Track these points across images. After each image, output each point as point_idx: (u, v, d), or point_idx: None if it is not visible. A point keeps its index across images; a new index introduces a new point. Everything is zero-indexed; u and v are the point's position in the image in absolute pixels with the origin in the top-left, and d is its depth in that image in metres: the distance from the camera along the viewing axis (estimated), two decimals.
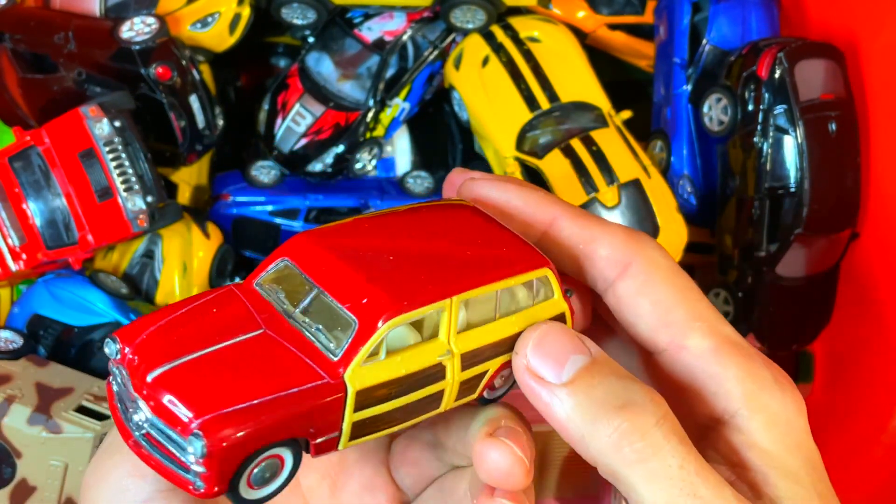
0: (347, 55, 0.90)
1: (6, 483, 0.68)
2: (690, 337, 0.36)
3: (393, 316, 0.31)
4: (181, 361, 0.31)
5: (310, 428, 0.30)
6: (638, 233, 0.38)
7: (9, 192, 0.75)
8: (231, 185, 0.90)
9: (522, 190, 0.38)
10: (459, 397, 0.35)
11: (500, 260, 0.35)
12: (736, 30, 0.85)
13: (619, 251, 0.37)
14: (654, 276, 0.37)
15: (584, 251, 0.37)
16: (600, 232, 0.38)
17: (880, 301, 0.79)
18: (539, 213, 0.38)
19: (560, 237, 0.38)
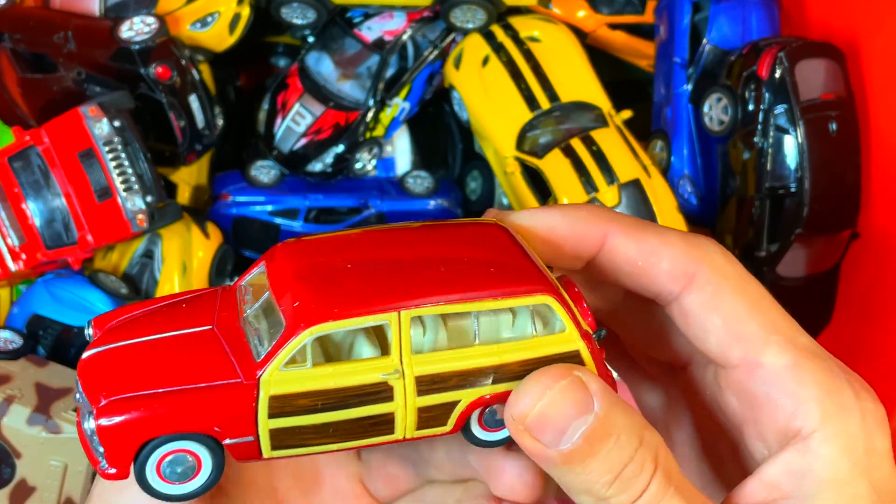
0: (347, 55, 0.90)
1: (6, 483, 0.68)
2: (766, 353, 0.34)
3: (315, 322, 0.29)
4: (113, 346, 0.31)
5: (214, 426, 0.30)
6: (699, 238, 0.36)
7: (8, 192, 0.75)
8: (231, 185, 0.90)
9: (567, 212, 0.36)
10: (422, 426, 0.32)
11: (489, 280, 0.32)
12: (736, 29, 0.85)
13: (682, 263, 0.35)
14: (722, 286, 0.35)
15: (644, 267, 0.35)
16: (659, 244, 0.35)
17: (880, 301, 0.79)
18: (588, 234, 0.35)
19: (615, 255, 0.35)
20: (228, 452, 0.31)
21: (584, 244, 0.35)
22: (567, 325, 0.32)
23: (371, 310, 0.30)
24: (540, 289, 0.32)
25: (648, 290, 0.36)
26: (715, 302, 0.34)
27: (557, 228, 0.35)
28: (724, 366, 0.35)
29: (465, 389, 0.31)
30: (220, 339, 0.31)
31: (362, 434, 0.31)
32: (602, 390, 0.31)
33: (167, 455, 0.30)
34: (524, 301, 0.31)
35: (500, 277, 0.32)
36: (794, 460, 0.33)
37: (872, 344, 0.80)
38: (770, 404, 0.34)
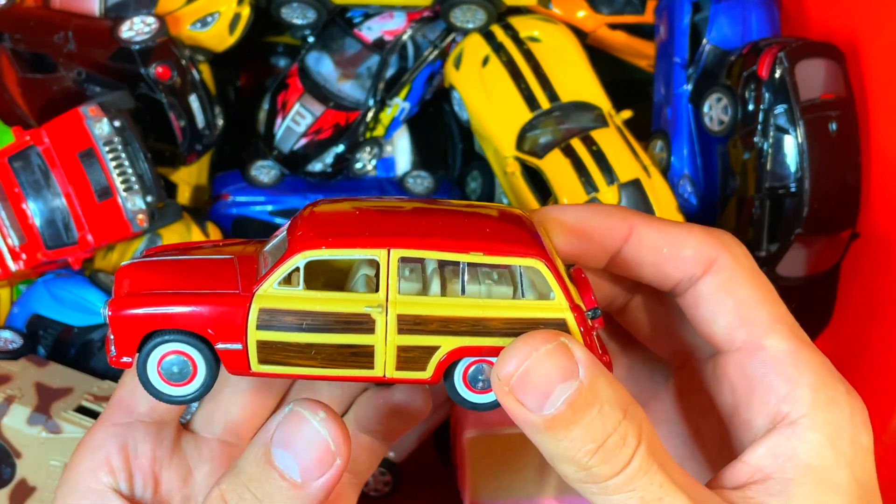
0: (347, 55, 0.90)
1: (6, 483, 0.68)
2: (770, 337, 0.36)
3: (310, 248, 0.32)
4: (145, 260, 0.36)
5: (208, 328, 0.33)
6: (719, 231, 0.38)
7: (8, 192, 0.75)
8: (231, 185, 0.90)
9: (596, 206, 0.39)
10: (402, 367, 0.33)
11: (483, 239, 0.33)
12: (736, 29, 0.85)
13: (704, 249, 0.37)
14: (738, 273, 0.37)
15: (668, 253, 0.37)
16: (682, 233, 0.38)
17: (881, 301, 0.79)
18: (617, 226, 0.38)
19: (641, 245, 0.38)
20: (221, 359, 0.33)
21: (612, 236, 0.37)
22: (556, 293, 0.33)
23: (362, 243, 0.32)
24: (531, 252, 0.33)
25: (669, 277, 0.37)
26: (730, 286, 0.36)
27: (588, 219, 0.38)
28: (726, 349, 0.36)
29: (445, 336, 0.33)
30: (236, 265, 0.35)
31: (343, 363, 0.33)
32: (587, 359, 0.32)
33: (167, 355, 0.34)
34: (513, 261, 0.33)
35: (494, 238, 0.33)
36: (780, 443, 0.34)
37: (872, 344, 0.80)
38: (764, 386, 0.35)
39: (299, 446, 0.32)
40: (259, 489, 0.32)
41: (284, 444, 0.32)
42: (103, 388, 0.72)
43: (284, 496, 0.32)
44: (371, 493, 0.84)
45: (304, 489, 0.32)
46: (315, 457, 0.32)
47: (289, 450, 0.32)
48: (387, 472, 0.83)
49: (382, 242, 0.32)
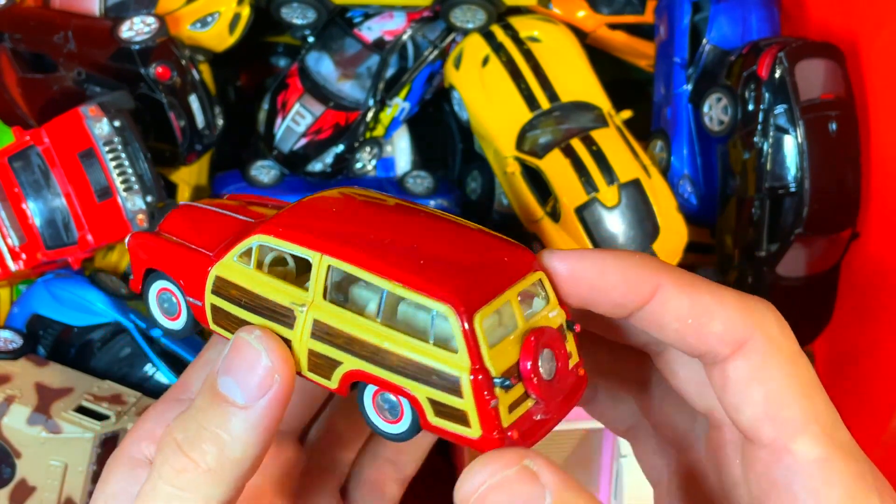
0: (347, 55, 0.90)
1: (6, 483, 0.68)
2: (799, 440, 0.32)
3: (262, 232, 0.34)
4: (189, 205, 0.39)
5: (181, 279, 0.36)
6: (756, 303, 0.34)
7: (8, 192, 0.75)
8: (231, 185, 0.90)
9: (620, 256, 0.33)
10: (313, 370, 0.33)
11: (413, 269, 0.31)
12: (736, 29, 0.85)
13: (736, 327, 0.33)
14: (771, 360, 0.32)
15: (694, 325, 0.33)
16: (713, 303, 0.33)
17: (881, 301, 0.79)
18: (641, 284, 0.33)
19: (665, 309, 0.33)
20: (190, 308, 0.36)
21: (634, 293, 0.33)
22: (461, 348, 0.30)
23: (302, 241, 0.33)
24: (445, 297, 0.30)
25: (694, 350, 0.34)
26: (761, 374, 0.32)
27: (608, 274, 0.33)
28: (751, 441, 0.33)
29: (347, 354, 0.32)
30: (237, 227, 0.36)
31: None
32: (556, 483, 0.29)
33: (161, 290, 0.37)
34: (419, 298, 0.30)
35: (424, 271, 0.31)
36: None
37: (872, 344, 0.80)
38: (789, 495, 0.32)
39: (241, 369, 0.32)
40: (206, 418, 0.32)
41: (228, 371, 0.32)
42: (103, 388, 0.72)
43: (230, 420, 0.31)
44: None
45: (248, 411, 0.31)
46: (256, 377, 0.32)
47: (232, 375, 0.32)
48: None
49: (318, 246, 0.33)
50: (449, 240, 0.34)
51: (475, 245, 0.34)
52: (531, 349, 0.31)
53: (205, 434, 0.32)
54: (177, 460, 0.32)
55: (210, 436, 0.32)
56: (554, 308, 0.33)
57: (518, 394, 0.31)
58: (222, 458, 0.31)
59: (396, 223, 0.34)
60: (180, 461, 0.32)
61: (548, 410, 0.32)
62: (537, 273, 0.33)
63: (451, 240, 0.34)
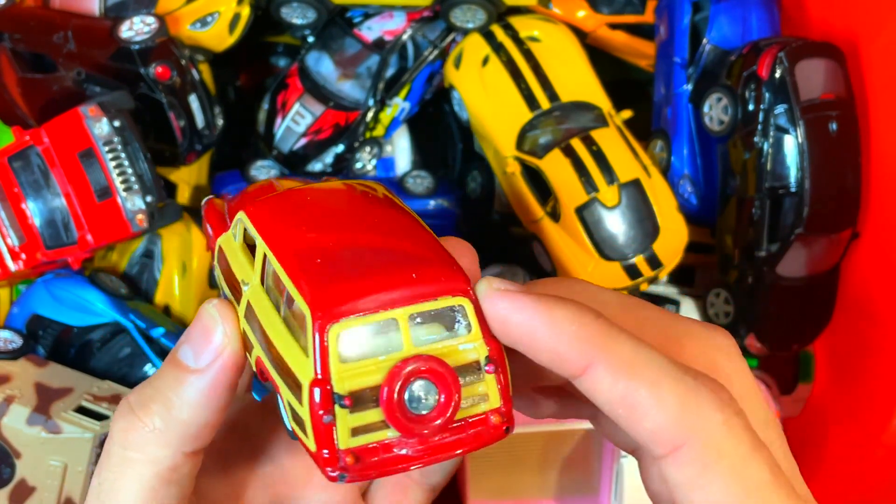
0: (347, 55, 0.90)
1: (5, 483, 0.68)
2: None
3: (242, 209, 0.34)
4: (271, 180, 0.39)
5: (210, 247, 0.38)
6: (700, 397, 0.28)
7: (8, 192, 0.75)
8: (231, 185, 0.90)
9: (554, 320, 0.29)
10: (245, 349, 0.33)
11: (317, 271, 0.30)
12: (736, 29, 0.85)
13: (669, 430, 0.28)
14: (711, 468, 0.28)
15: (624, 416, 0.29)
16: (648, 399, 0.28)
17: (881, 301, 0.79)
18: (571, 358, 0.29)
19: (596, 390, 0.29)
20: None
21: (563, 365, 0.29)
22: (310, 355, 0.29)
23: (257, 227, 0.33)
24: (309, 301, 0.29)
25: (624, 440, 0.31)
26: (700, 482, 0.28)
27: (538, 335, 0.29)
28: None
29: (257, 342, 0.32)
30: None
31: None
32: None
33: None
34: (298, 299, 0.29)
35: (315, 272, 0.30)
36: None
37: (872, 344, 0.80)
38: None
39: (197, 336, 0.32)
40: (159, 381, 0.32)
41: (186, 339, 0.32)
42: (103, 388, 0.72)
43: (181, 384, 0.32)
44: None
45: (197, 374, 0.31)
46: (209, 343, 0.32)
47: (189, 342, 0.32)
48: None
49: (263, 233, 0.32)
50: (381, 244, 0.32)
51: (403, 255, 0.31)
52: (396, 376, 0.29)
53: (156, 395, 0.32)
54: (126, 420, 0.32)
55: (160, 397, 0.32)
56: (474, 341, 0.30)
57: (374, 419, 0.29)
58: (169, 419, 0.31)
59: (349, 221, 0.33)
60: (129, 420, 0.32)
61: (419, 446, 0.29)
62: (459, 299, 0.30)
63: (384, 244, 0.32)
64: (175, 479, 0.32)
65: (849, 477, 0.80)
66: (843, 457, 0.80)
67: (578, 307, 0.29)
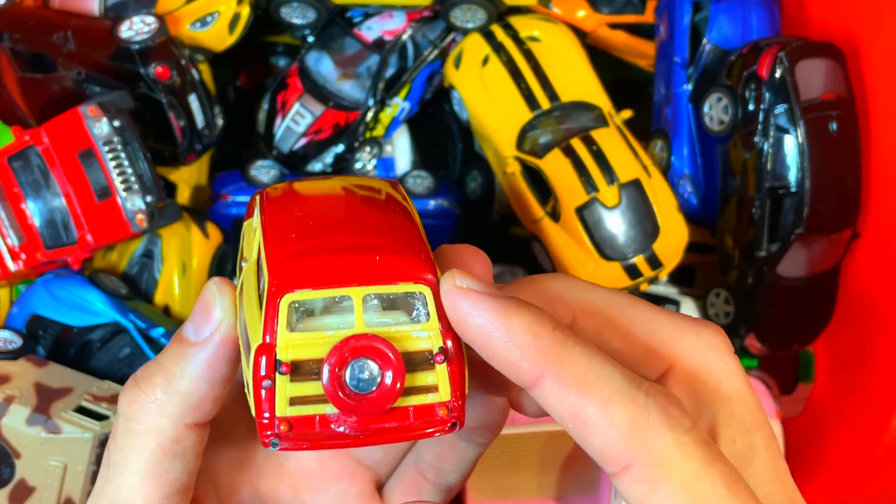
0: (347, 54, 0.90)
1: (5, 483, 0.68)
2: None
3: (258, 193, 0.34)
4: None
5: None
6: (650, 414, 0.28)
7: (8, 191, 0.75)
8: (230, 185, 0.90)
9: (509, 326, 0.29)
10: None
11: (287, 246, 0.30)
12: (736, 29, 0.85)
13: (616, 449, 0.28)
14: (661, 487, 0.27)
15: (574, 431, 0.28)
16: (597, 416, 0.28)
17: (881, 301, 0.79)
18: (524, 367, 0.29)
19: (546, 403, 0.29)
20: None
21: (515, 375, 0.29)
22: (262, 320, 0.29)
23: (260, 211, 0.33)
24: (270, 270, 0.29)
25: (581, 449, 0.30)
26: (651, 500, 0.28)
27: (492, 341, 0.29)
28: None
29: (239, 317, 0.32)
30: None
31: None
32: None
33: None
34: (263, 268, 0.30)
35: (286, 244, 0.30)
36: None
37: (872, 344, 0.80)
38: None
39: (199, 313, 0.33)
40: (163, 356, 0.33)
41: (192, 316, 0.33)
42: (103, 388, 0.72)
43: (182, 357, 0.32)
44: None
45: (197, 347, 0.32)
46: (208, 318, 0.32)
47: (192, 320, 0.33)
48: None
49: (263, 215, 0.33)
50: (361, 231, 0.32)
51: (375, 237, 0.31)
52: (338, 350, 0.29)
53: (158, 369, 0.33)
54: (131, 394, 0.33)
55: (162, 370, 0.33)
56: (430, 330, 0.30)
57: (313, 392, 0.29)
58: (169, 390, 0.32)
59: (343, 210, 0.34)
60: (134, 393, 0.33)
61: (358, 427, 0.29)
62: (419, 286, 0.30)
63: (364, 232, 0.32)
64: (178, 451, 0.33)
65: (849, 477, 0.79)
66: (843, 457, 0.80)
67: (538, 316, 0.29)
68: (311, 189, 0.36)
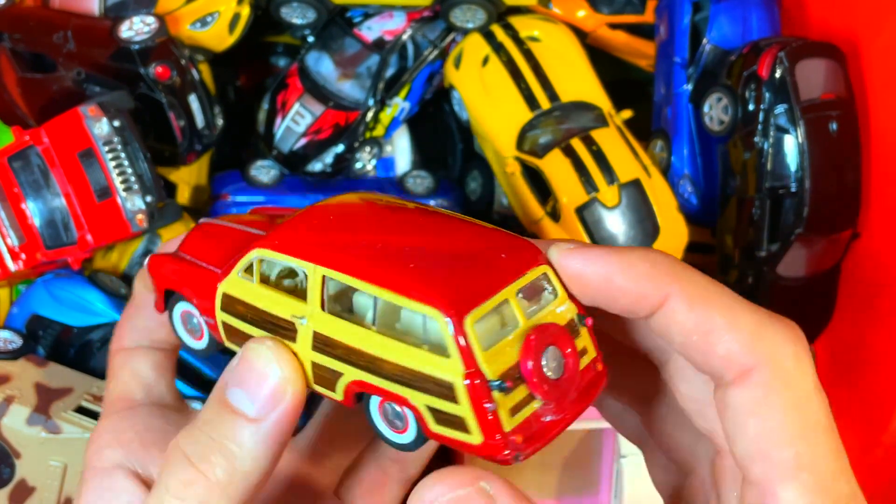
0: (347, 55, 0.90)
1: (5, 483, 0.68)
2: (788, 487, 0.29)
3: (262, 246, 0.34)
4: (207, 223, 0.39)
5: (193, 298, 0.36)
6: (776, 328, 0.31)
7: (8, 192, 0.75)
8: (230, 185, 0.90)
9: (629, 263, 0.31)
10: (318, 382, 0.32)
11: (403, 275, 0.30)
12: (736, 29, 0.85)
13: (742, 353, 0.30)
14: (775, 395, 0.29)
15: (699, 343, 0.30)
16: (723, 324, 0.30)
17: (881, 301, 0.79)
18: (649, 294, 0.31)
19: (671, 321, 0.31)
20: (207, 326, 0.36)
21: (641, 304, 0.31)
22: (452, 353, 0.29)
23: (297, 254, 0.33)
24: (433, 301, 0.29)
25: (698, 367, 0.32)
26: (761, 409, 0.30)
27: (615, 280, 0.31)
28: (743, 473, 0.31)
29: (347, 365, 0.31)
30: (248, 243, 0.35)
31: None
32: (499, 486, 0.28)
33: (185, 311, 0.37)
34: (407, 303, 0.30)
35: (414, 275, 0.30)
36: None
37: (872, 344, 0.80)
38: None
39: (251, 381, 0.31)
40: (215, 430, 0.31)
41: (238, 383, 0.32)
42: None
43: (240, 433, 0.31)
44: None
45: (259, 423, 0.31)
46: (268, 388, 0.31)
47: (242, 387, 0.31)
48: None
49: (312, 257, 0.32)
50: (448, 240, 0.33)
51: (475, 244, 0.32)
52: (531, 348, 0.30)
53: (214, 446, 0.31)
54: (185, 473, 0.31)
55: (220, 448, 0.31)
56: (563, 303, 0.32)
57: (521, 396, 0.30)
58: (232, 471, 0.31)
59: (396, 226, 0.34)
60: (189, 473, 0.31)
61: (558, 410, 0.31)
62: (542, 267, 0.32)
63: (451, 240, 0.33)
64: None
65: None
66: None
67: (646, 249, 0.32)
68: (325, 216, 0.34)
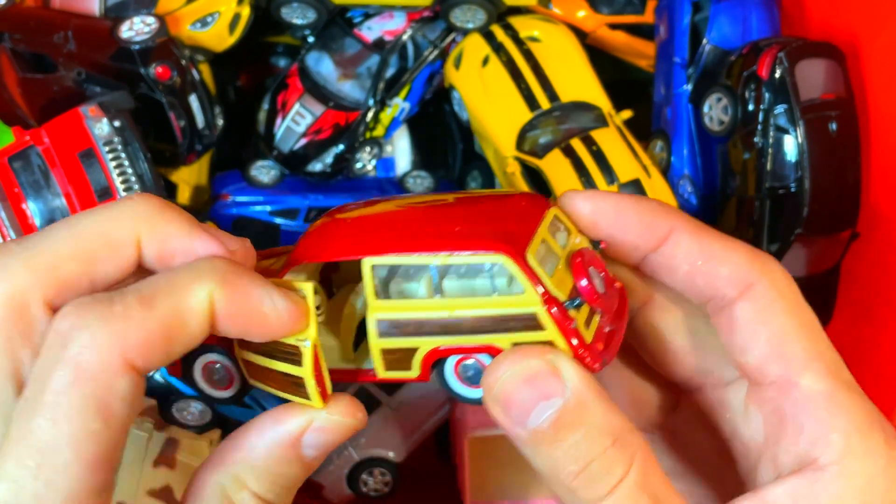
0: (347, 55, 0.90)
1: None
2: (805, 375, 0.33)
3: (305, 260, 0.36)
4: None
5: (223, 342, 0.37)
6: (764, 255, 0.36)
7: (8, 192, 0.75)
8: (231, 185, 0.90)
9: (636, 203, 0.36)
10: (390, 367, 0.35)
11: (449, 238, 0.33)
12: (736, 29, 0.85)
13: (743, 271, 0.35)
14: (777, 302, 0.34)
15: (703, 268, 0.35)
16: (722, 249, 0.35)
17: (881, 301, 0.79)
18: (656, 225, 0.35)
19: (676, 252, 0.35)
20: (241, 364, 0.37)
21: (649, 235, 0.35)
22: (524, 285, 0.32)
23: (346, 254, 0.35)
24: (493, 247, 0.32)
25: (701, 293, 0.35)
26: (766, 316, 0.34)
27: (626, 214, 0.36)
28: (758, 382, 0.34)
29: (421, 338, 0.33)
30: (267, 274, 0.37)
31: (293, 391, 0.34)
32: (577, 378, 0.31)
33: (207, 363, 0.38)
34: (471, 258, 0.32)
35: (465, 235, 0.33)
36: (802, 487, 0.32)
37: (872, 344, 0.80)
38: (795, 426, 0.33)
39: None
40: None
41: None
42: None
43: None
44: (371, 494, 0.84)
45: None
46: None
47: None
48: (387, 473, 0.83)
49: (354, 251, 0.34)
50: (470, 208, 0.36)
51: (495, 205, 0.36)
52: (582, 268, 0.33)
53: None
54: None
55: None
56: (577, 235, 0.36)
57: (586, 312, 0.33)
58: None
59: (418, 210, 0.36)
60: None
61: (612, 321, 0.34)
62: (553, 210, 0.36)
63: (472, 207, 0.36)
64: None
65: None
66: None
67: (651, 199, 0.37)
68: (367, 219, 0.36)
